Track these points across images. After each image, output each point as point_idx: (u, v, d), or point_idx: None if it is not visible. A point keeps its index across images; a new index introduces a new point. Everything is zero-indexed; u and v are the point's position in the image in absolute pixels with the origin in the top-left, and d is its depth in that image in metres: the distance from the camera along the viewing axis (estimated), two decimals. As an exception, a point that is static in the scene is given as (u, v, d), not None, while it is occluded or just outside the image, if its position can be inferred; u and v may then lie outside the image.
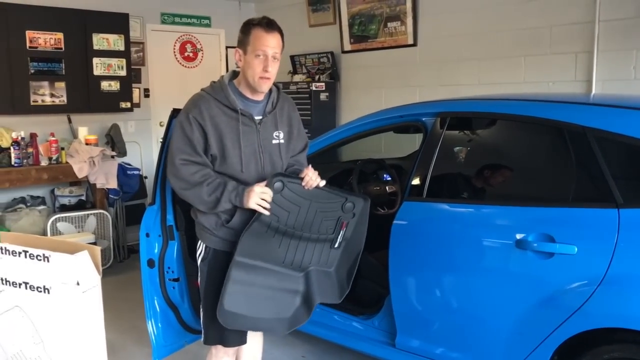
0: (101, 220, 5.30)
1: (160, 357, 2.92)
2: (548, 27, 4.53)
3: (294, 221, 2.38)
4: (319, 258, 2.46)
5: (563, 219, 2.37)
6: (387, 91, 5.80)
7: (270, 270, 2.38)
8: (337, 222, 2.45)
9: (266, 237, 2.34)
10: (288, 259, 2.40)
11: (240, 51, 2.36)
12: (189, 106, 2.37)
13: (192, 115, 2.32)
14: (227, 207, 2.32)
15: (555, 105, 2.68)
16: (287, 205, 2.35)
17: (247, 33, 2.33)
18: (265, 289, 2.38)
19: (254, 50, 2.30)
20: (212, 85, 2.44)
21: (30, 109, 5.43)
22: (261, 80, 2.33)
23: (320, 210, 2.42)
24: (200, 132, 2.32)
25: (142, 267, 2.86)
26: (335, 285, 2.55)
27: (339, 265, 2.54)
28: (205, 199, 2.30)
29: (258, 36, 2.30)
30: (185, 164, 2.31)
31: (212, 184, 2.30)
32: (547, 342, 2.37)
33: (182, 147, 2.32)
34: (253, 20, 2.36)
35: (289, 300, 2.45)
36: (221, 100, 2.35)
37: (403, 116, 3.13)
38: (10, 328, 2.50)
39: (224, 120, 2.34)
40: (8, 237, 2.63)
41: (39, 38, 5.40)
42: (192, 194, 2.33)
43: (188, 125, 2.31)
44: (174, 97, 6.29)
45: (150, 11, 6.41)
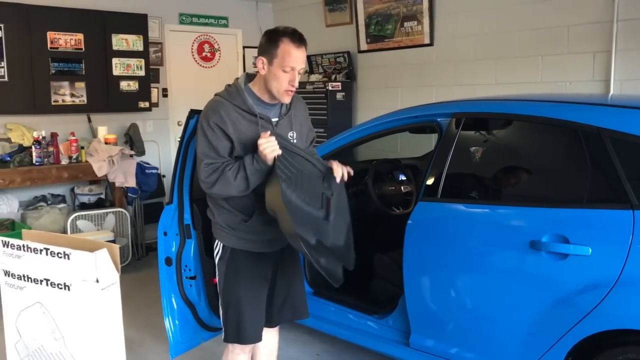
0: (120, 219, 5.37)
1: (178, 354, 2.97)
2: (565, 26, 4.50)
3: (297, 185, 2.32)
4: (317, 231, 2.37)
5: (577, 220, 2.37)
6: (403, 91, 5.81)
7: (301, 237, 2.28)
8: (323, 197, 2.41)
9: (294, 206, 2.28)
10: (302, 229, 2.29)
11: (265, 60, 2.33)
12: (209, 113, 2.37)
13: (212, 121, 2.34)
14: (255, 178, 2.28)
15: (570, 105, 2.67)
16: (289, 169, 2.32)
17: (275, 45, 2.30)
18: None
19: (282, 65, 2.29)
20: (228, 90, 2.45)
21: (51, 109, 5.52)
22: (286, 93, 2.36)
23: (310, 182, 2.39)
24: (225, 137, 2.34)
25: (159, 265, 2.92)
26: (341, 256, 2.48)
27: (333, 239, 2.45)
28: (233, 182, 2.29)
29: (288, 51, 2.28)
30: (208, 166, 2.34)
31: (233, 167, 2.31)
32: (561, 343, 2.37)
33: (207, 152, 2.35)
34: (281, 31, 2.32)
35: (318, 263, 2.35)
36: (239, 106, 2.38)
37: (418, 116, 3.14)
38: (32, 324, 2.56)
39: (244, 124, 2.37)
40: (30, 235, 2.68)
41: (59, 39, 5.49)
42: (220, 186, 2.32)
43: (211, 132, 2.34)
44: (191, 97, 6.37)
45: (168, 12, 6.48)
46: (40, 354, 2.57)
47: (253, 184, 2.31)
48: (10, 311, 2.62)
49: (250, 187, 2.32)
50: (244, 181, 2.30)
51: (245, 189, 2.32)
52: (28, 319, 2.57)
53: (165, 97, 6.55)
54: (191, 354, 3.20)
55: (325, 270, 2.33)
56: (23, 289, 2.55)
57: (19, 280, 2.55)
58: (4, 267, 2.59)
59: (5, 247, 2.57)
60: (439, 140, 2.95)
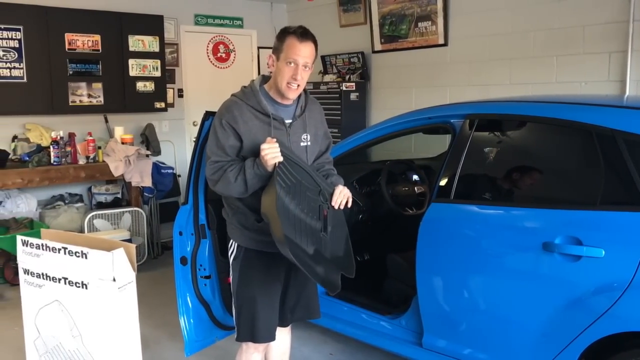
0: (136, 218, 5.43)
1: (192, 352, 3.00)
2: (581, 26, 4.48)
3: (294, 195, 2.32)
4: (315, 242, 2.37)
5: (591, 222, 2.37)
6: (417, 91, 5.81)
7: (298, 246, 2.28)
8: (320, 209, 2.41)
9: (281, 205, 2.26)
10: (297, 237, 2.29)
11: (274, 57, 2.42)
12: (222, 112, 2.43)
13: (225, 120, 2.38)
14: (255, 182, 2.31)
15: (584, 107, 2.66)
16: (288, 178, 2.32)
17: (282, 40, 2.38)
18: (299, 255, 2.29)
19: (286, 58, 2.35)
20: (244, 90, 2.49)
21: (69, 109, 5.60)
22: (288, 88, 2.39)
23: (307, 194, 2.39)
24: (234, 136, 2.38)
25: (175, 265, 2.95)
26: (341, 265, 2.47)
27: (332, 250, 2.44)
28: (233, 182, 2.33)
29: (291, 45, 2.35)
30: (214, 164, 2.39)
31: (235, 169, 2.35)
32: (574, 345, 2.37)
33: (215, 150, 2.40)
34: (289, 29, 2.40)
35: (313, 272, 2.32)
36: (253, 106, 2.42)
37: (432, 118, 3.15)
38: (50, 321, 2.61)
39: (256, 124, 2.40)
40: (48, 234, 2.73)
41: (77, 40, 5.56)
42: (222, 185, 2.37)
43: (222, 130, 2.38)
44: (207, 98, 6.45)
45: (184, 13, 6.53)
46: (59, 351, 2.61)
47: (252, 187, 2.34)
48: (30, 309, 2.67)
49: (249, 190, 2.34)
50: (242, 183, 2.32)
51: (244, 191, 2.35)
52: (47, 317, 2.62)
53: (181, 97, 6.60)
54: (206, 353, 3.23)
55: (320, 279, 2.32)
56: (42, 287, 2.60)
57: (38, 279, 2.60)
58: (23, 265, 2.64)
59: (24, 246, 2.62)
60: (452, 142, 2.96)
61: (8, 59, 5.19)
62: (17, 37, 5.21)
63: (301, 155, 2.51)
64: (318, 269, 2.32)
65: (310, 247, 2.32)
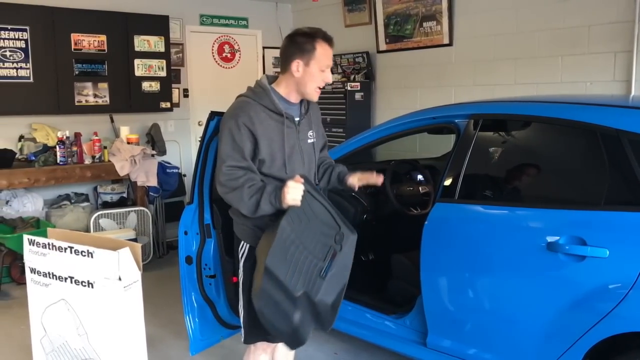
0: (141, 217, 5.46)
1: (197, 351, 3.01)
2: (586, 26, 4.47)
3: (302, 234, 2.31)
4: (309, 284, 2.31)
5: (595, 222, 2.37)
6: (422, 91, 5.81)
7: (279, 282, 2.23)
8: (329, 251, 2.38)
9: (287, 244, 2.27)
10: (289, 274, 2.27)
11: (301, 62, 2.38)
12: (237, 113, 2.38)
13: (241, 121, 2.34)
14: (267, 209, 2.32)
15: (588, 107, 2.66)
16: (302, 215, 2.33)
17: (312, 46, 2.36)
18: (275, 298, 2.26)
19: (320, 65, 2.38)
20: (254, 90, 2.47)
21: (75, 109, 5.63)
22: (317, 91, 2.44)
23: (322, 232, 2.38)
24: (250, 139, 2.35)
25: (180, 264, 2.96)
26: (321, 315, 2.38)
27: (323, 296, 2.36)
28: (246, 201, 2.31)
29: (325, 52, 2.38)
30: (232, 169, 2.34)
31: (254, 187, 2.33)
32: (579, 345, 2.36)
33: (231, 153, 2.35)
34: (315, 33, 2.39)
35: (289, 318, 2.29)
36: (267, 105, 2.41)
37: (436, 118, 3.15)
38: (56, 320, 2.63)
39: (271, 124, 2.40)
40: (55, 234, 2.75)
41: (83, 40, 5.59)
42: (234, 197, 2.35)
43: (238, 132, 2.34)
44: (212, 97, 6.47)
45: (189, 13, 6.55)
46: (65, 350, 2.63)
47: (262, 212, 2.33)
48: (36, 307, 2.69)
49: (257, 213, 2.33)
50: (255, 205, 2.31)
51: (253, 212, 2.34)
52: (53, 315, 2.63)
53: (186, 97, 6.62)
54: (211, 352, 3.25)
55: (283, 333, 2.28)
56: (48, 286, 2.62)
57: (45, 278, 2.62)
58: (30, 264, 2.66)
59: (31, 245, 2.64)
60: (456, 142, 2.96)
61: (15, 59, 5.21)
62: (23, 37, 5.24)
63: (309, 152, 2.54)
64: (296, 316, 2.27)
65: (299, 288, 2.28)
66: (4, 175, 4.84)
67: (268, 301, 2.23)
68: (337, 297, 2.43)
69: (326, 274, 2.35)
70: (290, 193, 2.26)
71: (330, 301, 2.38)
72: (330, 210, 2.42)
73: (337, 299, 2.42)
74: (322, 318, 2.37)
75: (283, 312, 2.25)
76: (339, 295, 2.43)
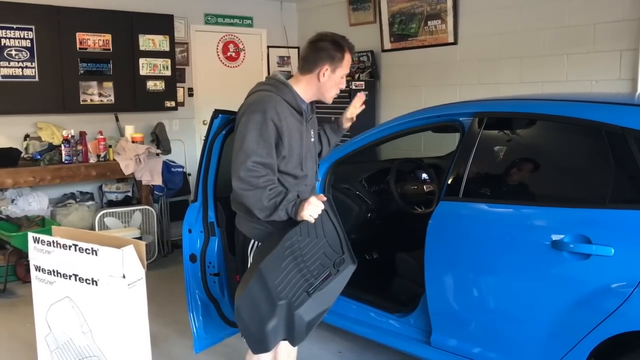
0: (146, 216, 5.47)
1: (201, 349, 3.02)
2: (592, 24, 4.45)
3: (306, 248, 2.34)
4: (293, 295, 2.31)
5: (600, 221, 2.36)
6: (427, 90, 5.79)
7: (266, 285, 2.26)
8: (324, 271, 2.37)
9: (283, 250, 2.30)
10: (279, 281, 2.29)
11: (329, 69, 2.44)
12: (266, 107, 2.34)
13: (269, 115, 2.32)
14: (281, 215, 2.31)
15: (593, 105, 2.64)
16: (312, 231, 2.35)
17: (342, 55, 2.45)
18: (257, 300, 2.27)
19: (344, 71, 2.49)
20: (275, 85, 2.44)
21: (80, 108, 5.64)
22: (332, 97, 2.54)
23: (324, 252, 2.39)
24: (275, 135, 2.35)
25: (184, 262, 2.97)
26: (294, 329, 2.33)
27: (303, 311, 2.31)
28: (265, 203, 2.29)
29: (349, 62, 2.50)
30: (256, 165, 2.31)
31: (274, 190, 2.31)
32: (583, 344, 2.36)
33: (257, 149, 2.31)
34: (345, 43, 2.47)
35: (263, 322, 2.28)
36: (289, 102, 2.42)
37: (440, 116, 3.15)
38: (61, 317, 2.64)
39: (292, 121, 2.42)
40: (59, 232, 2.76)
41: (88, 39, 5.60)
42: (253, 196, 2.31)
43: (265, 127, 2.31)
44: (216, 96, 6.47)
45: (194, 12, 6.55)
46: (69, 347, 2.64)
47: (275, 217, 2.32)
48: (41, 305, 2.70)
49: (272, 216, 2.32)
50: (272, 209, 2.30)
51: (267, 215, 2.33)
52: (58, 313, 2.64)
53: (191, 96, 6.63)
54: (215, 350, 3.25)
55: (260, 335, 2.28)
56: (53, 284, 2.62)
57: (49, 275, 2.63)
58: (35, 262, 2.67)
59: (36, 243, 2.65)
60: (461, 140, 2.95)
61: (20, 58, 5.23)
62: (29, 36, 5.25)
63: (313, 150, 2.58)
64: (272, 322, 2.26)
65: (283, 297, 2.27)
66: (10, 174, 4.86)
67: (249, 302, 2.25)
68: (316, 318, 2.37)
69: (314, 291, 2.32)
70: (309, 209, 2.27)
71: (307, 319, 2.33)
72: (341, 235, 2.44)
73: (315, 319, 2.37)
74: (294, 332, 2.32)
75: (259, 316, 2.25)
76: (318, 316, 2.37)
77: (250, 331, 2.30)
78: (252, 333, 2.31)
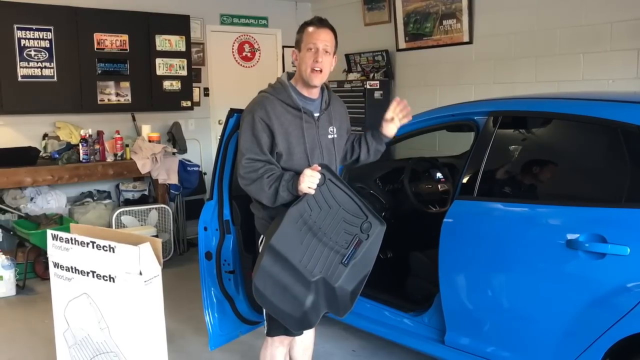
0: (162, 215, 5.52)
1: (216, 346, 3.04)
2: (609, 23, 4.42)
3: (322, 221, 2.36)
4: (328, 269, 2.38)
5: (616, 220, 2.34)
6: (441, 89, 5.78)
7: (290, 265, 2.31)
8: (353, 239, 2.41)
9: (297, 228, 2.32)
10: (305, 259, 2.34)
11: (296, 51, 2.51)
12: (255, 108, 2.46)
13: (258, 115, 2.42)
14: (285, 196, 2.37)
15: (609, 104, 2.63)
16: (322, 202, 2.38)
17: (301, 32, 2.50)
18: (284, 281, 2.32)
19: (306, 45, 2.45)
20: (273, 86, 2.55)
21: (97, 108, 5.70)
22: (313, 73, 2.44)
23: (345, 220, 2.41)
24: (267, 132, 2.42)
25: (200, 260, 3.00)
26: (338, 301, 2.43)
27: (343, 282, 2.41)
28: (266, 190, 2.38)
29: (309, 32, 2.46)
30: (251, 162, 2.42)
31: (272, 176, 2.39)
32: (599, 344, 2.35)
33: (250, 146, 2.43)
34: (306, 21, 2.51)
35: (299, 301, 2.36)
36: (284, 100, 2.47)
37: (455, 115, 3.15)
38: (79, 314, 2.67)
39: (288, 118, 2.45)
40: (77, 229, 2.80)
41: (105, 40, 5.66)
42: (254, 188, 2.42)
43: (255, 126, 2.42)
44: (232, 96, 6.49)
45: (210, 12, 6.60)
46: (87, 343, 2.67)
47: (281, 200, 2.38)
48: (59, 301, 2.74)
49: (277, 202, 2.39)
50: (274, 193, 2.38)
51: (273, 201, 2.40)
52: (75, 309, 2.68)
53: (207, 96, 6.67)
54: (230, 347, 3.28)
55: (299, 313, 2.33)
56: (71, 280, 2.66)
57: (67, 272, 2.66)
58: (53, 259, 2.71)
59: (54, 240, 2.69)
60: (475, 139, 2.95)
61: (39, 58, 5.30)
62: (47, 37, 5.32)
63: (330, 148, 2.56)
64: (308, 299, 2.33)
65: (316, 273, 2.34)
66: (29, 173, 4.93)
67: (269, 282, 2.28)
68: (358, 285, 2.47)
69: (348, 261, 2.39)
70: (305, 182, 2.31)
71: (350, 288, 2.43)
72: (355, 199, 2.44)
73: (357, 286, 2.47)
74: (338, 304, 2.41)
75: (292, 296, 2.31)
76: (359, 283, 2.47)
77: (285, 312, 2.34)
78: (288, 313, 2.36)
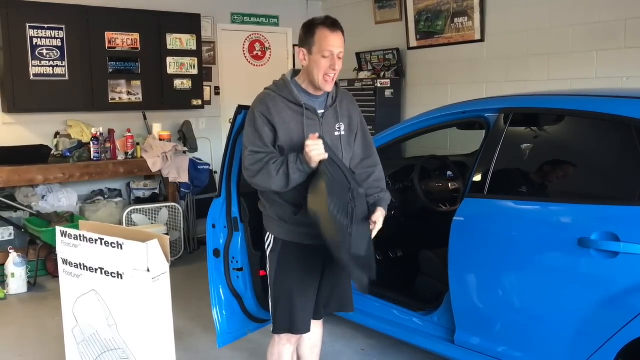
0: (173, 213, 5.52)
1: (224, 344, 3.04)
2: (622, 20, 4.37)
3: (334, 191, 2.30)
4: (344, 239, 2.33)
5: (628, 218, 2.31)
6: (453, 87, 5.74)
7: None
8: (348, 207, 2.37)
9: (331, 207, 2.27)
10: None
11: (305, 51, 2.42)
12: (256, 104, 2.48)
13: (258, 111, 2.43)
14: (297, 177, 2.32)
15: (621, 100, 2.59)
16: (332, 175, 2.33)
17: (312, 33, 2.38)
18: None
19: (321, 51, 2.35)
20: (276, 83, 2.54)
21: (109, 106, 5.73)
22: (325, 80, 2.39)
23: (341, 190, 2.37)
24: (268, 126, 2.41)
25: (208, 257, 2.99)
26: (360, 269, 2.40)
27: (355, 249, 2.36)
28: (274, 175, 2.34)
29: (324, 36, 2.35)
30: (254, 154, 2.40)
31: (277, 162, 2.36)
32: (611, 344, 2.31)
33: (252, 139, 2.43)
34: (316, 20, 2.41)
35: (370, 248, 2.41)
36: (286, 97, 2.45)
37: (465, 112, 3.12)
38: (87, 310, 2.67)
39: (289, 114, 2.44)
40: (86, 226, 2.80)
41: (117, 39, 5.68)
42: (262, 177, 2.37)
43: (256, 121, 2.42)
44: (242, 95, 6.44)
45: (221, 11, 6.61)
46: (95, 340, 2.68)
47: (294, 182, 2.34)
48: (68, 298, 2.74)
49: (290, 184, 2.34)
50: (284, 177, 2.33)
51: (285, 185, 2.35)
52: (84, 306, 2.68)
53: (218, 95, 6.68)
54: (238, 345, 3.27)
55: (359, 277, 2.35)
56: (79, 277, 2.66)
57: (76, 269, 2.67)
58: (62, 255, 2.71)
59: (63, 237, 2.69)
60: (486, 136, 2.92)
61: (51, 57, 5.33)
62: (59, 36, 5.35)
63: (336, 145, 2.53)
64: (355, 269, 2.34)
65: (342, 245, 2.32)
66: (40, 171, 4.96)
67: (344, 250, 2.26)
68: (368, 246, 2.44)
69: (351, 230, 2.36)
70: (314, 150, 2.27)
71: (363, 253, 2.40)
72: (342, 167, 2.41)
73: (368, 248, 2.44)
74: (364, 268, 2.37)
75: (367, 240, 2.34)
76: (369, 245, 2.44)
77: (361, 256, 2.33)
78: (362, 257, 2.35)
